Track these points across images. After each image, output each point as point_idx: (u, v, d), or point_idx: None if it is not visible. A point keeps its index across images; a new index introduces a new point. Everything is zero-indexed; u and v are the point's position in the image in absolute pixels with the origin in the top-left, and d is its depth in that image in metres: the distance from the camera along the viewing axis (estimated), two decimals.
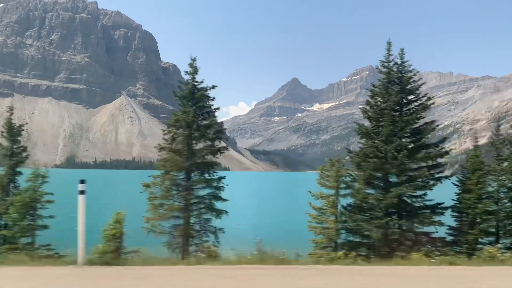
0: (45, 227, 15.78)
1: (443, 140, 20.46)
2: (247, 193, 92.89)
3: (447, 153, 19.86)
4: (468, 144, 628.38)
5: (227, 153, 24.86)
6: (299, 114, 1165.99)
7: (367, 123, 21.14)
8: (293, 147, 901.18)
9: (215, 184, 18.10)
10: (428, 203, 18.53)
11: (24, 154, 17.64)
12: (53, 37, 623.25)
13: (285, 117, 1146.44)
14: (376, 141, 18.50)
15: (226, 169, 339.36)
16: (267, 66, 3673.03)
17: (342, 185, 19.72)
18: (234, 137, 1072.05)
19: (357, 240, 18.58)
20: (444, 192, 19.86)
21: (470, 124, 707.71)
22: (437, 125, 20.76)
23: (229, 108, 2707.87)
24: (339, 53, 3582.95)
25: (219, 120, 19.55)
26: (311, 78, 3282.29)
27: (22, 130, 17.77)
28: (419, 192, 18.36)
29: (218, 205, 18.08)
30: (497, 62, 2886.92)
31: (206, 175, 18.15)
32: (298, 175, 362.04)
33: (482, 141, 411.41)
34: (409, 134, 18.75)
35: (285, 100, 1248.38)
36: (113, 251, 10.61)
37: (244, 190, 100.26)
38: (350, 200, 19.40)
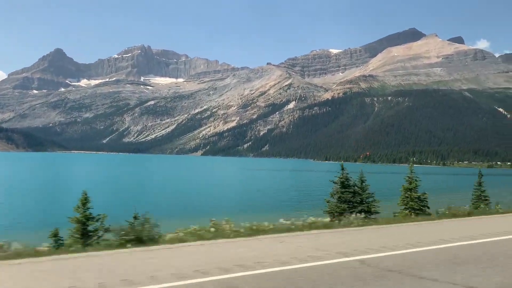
0: None
1: None
2: None
3: None
4: (221, 127, 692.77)
5: None
6: (63, 89, 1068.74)
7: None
8: (51, 124, 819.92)
9: None
10: None
11: None
12: None
13: (45, 91, 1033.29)
14: None
15: None
16: (28, 31, 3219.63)
17: None
18: None
19: None
20: None
21: (224, 109, 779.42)
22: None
23: None
24: (111, 27, 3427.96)
25: None
26: (79, 50, 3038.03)
27: None
28: None
29: None
30: (253, 55, 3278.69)
31: None
32: (39, 155, 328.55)
33: (232, 124, 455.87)
34: None
35: (47, 72, 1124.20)
36: None
37: None
38: None
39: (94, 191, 58.10)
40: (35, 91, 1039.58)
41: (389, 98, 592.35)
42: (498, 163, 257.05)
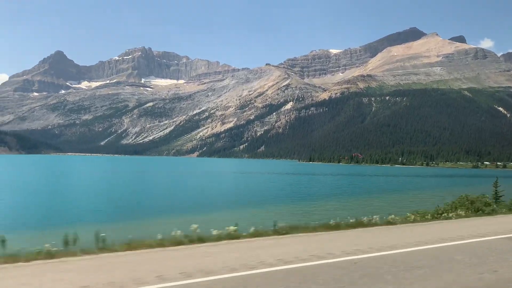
0: None
1: None
2: None
3: None
4: (219, 128, 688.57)
5: None
6: (63, 91, 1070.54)
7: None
8: (50, 126, 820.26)
9: None
10: None
11: None
12: None
13: (45, 93, 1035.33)
14: None
15: None
16: (31, 33, 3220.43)
17: None
18: None
19: None
20: None
21: (222, 110, 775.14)
22: None
23: None
24: (112, 30, 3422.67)
25: None
26: (80, 52, 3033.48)
27: None
28: None
29: None
30: (253, 56, 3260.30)
31: None
32: (27, 158, 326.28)
33: (229, 125, 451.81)
34: None
35: (47, 74, 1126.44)
36: None
37: None
38: None
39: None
40: (35, 94, 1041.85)
41: (387, 98, 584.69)
42: (485, 163, 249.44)
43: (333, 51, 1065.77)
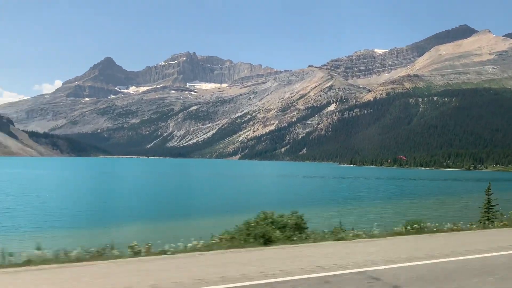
0: None
1: None
2: None
3: None
4: (260, 131, 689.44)
5: None
6: (112, 96, 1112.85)
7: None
8: (99, 130, 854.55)
9: None
10: None
11: None
12: None
13: (95, 98, 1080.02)
14: None
15: None
16: (81, 41, 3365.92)
17: None
18: (33, 118, 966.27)
19: None
20: None
21: (264, 113, 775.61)
22: None
23: (43, 86, 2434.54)
24: (158, 36, 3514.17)
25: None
26: (127, 58, 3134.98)
27: None
28: None
29: None
30: (296, 57, 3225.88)
31: None
32: (77, 160, 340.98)
33: (271, 128, 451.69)
34: None
35: (97, 80, 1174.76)
36: None
37: None
38: None
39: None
40: (86, 99, 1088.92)
41: (435, 98, 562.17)
42: None
43: (378, 51, 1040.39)
